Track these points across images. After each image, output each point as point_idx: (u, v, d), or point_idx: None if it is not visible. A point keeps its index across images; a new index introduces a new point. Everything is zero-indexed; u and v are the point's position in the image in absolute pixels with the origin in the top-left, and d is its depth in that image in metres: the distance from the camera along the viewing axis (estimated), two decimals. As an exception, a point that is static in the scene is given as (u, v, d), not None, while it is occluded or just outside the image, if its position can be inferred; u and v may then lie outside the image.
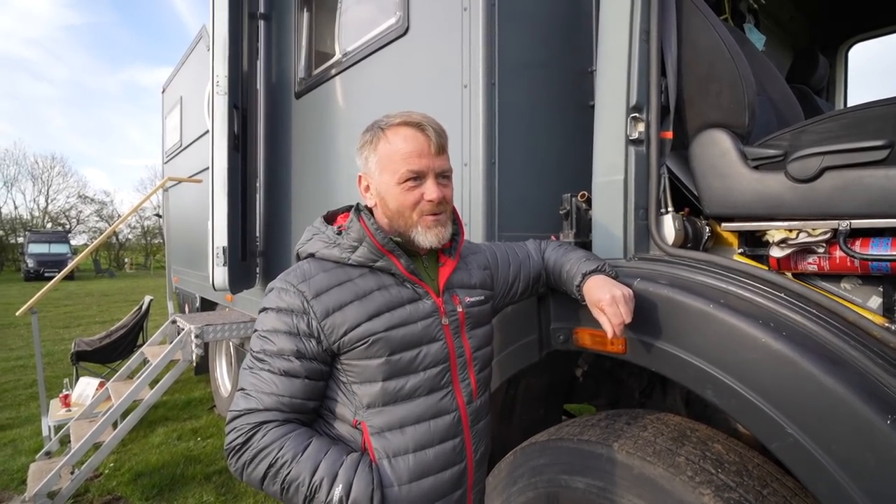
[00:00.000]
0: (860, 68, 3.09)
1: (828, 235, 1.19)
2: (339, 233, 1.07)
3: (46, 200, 35.98)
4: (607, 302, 1.15)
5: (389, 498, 0.98)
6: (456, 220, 1.19)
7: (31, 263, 22.95)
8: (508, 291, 1.32)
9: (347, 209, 1.16)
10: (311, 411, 1.03)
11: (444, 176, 1.07)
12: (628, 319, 1.14)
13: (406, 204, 1.03)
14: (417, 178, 1.03)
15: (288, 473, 0.91)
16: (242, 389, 0.99)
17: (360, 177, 1.12)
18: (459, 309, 1.13)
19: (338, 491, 0.91)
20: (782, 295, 1.11)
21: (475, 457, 1.13)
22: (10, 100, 78.89)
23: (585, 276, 1.24)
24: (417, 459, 1.02)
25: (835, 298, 1.11)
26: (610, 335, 1.15)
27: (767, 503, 1.09)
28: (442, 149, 1.06)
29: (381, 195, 1.06)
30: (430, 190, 1.03)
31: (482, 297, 1.20)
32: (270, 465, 0.92)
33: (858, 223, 1.13)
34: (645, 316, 1.20)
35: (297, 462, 0.91)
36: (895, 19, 2.74)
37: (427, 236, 1.05)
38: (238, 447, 0.94)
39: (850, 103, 3.01)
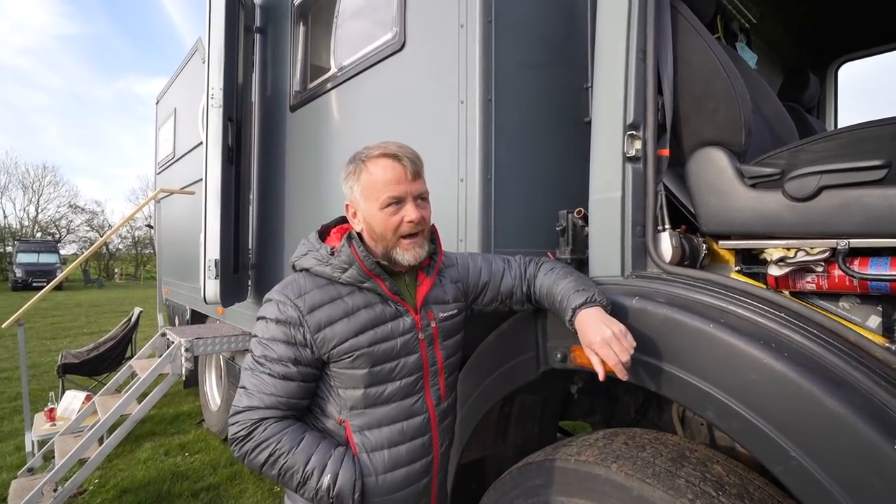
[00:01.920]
0: (850, 87, 3.14)
1: (826, 254, 1.19)
2: (332, 253, 1.18)
3: (37, 210, 35.63)
4: (599, 345, 1.13)
5: (368, 486, 1.15)
6: (435, 240, 1.29)
7: (19, 273, 22.60)
8: (476, 299, 1.40)
9: (340, 221, 1.30)
10: (304, 408, 1.20)
11: (421, 198, 1.19)
12: (624, 358, 1.11)
13: (389, 227, 1.15)
14: (398, 202, 1.15)
15: (285, 462, 1.07)
16: (244, 388, 1.13)
17: (347, 205, 1.23)
18: (433, 324, 1.25)
19: (326, 479, 1.08)
20: (782, 314, 1.10)
21: (441, 450, 1.30)
22: (2, 108, 78.52)
23: (576, 311, 1.22)
24: (391, 454, 1.19)
25: (835, 318, 1.11)
26: (602, 377, 1.14)
27: (769, 527, 1.07)
28: (417, 174, 1.17)
29: (367, 221, 1.18)
30: (410, 212, 1.15)
31: (455, 311, 1.32)
32: (270, 455, 1.08)
33: (857, 242, 1.13)
34: (643, 335, 1.18)
35: (292, 453, 1.08)
36: (883, 40, 2.80)
37: (405, 256, 1.18)
38: (241, 438, 1.09)
39: (841, 122, 3.06)
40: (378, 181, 1.14)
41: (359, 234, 1.21)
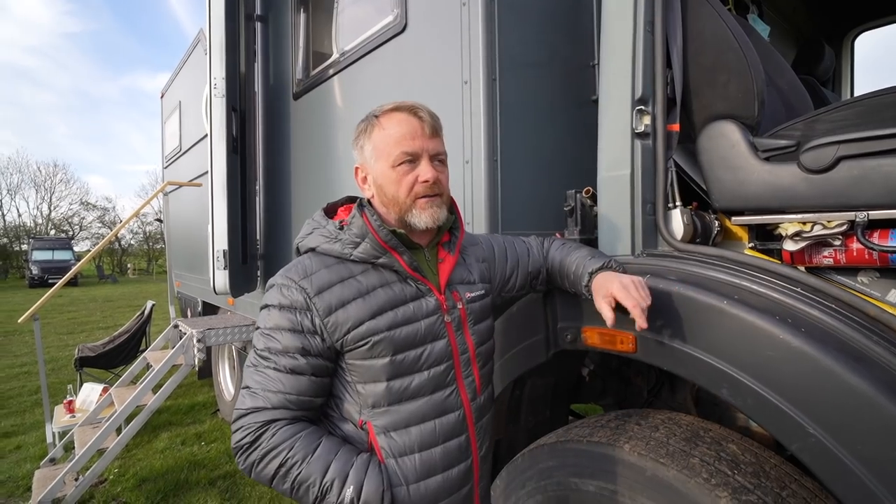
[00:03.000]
0: (867, 58, 3.04)
1: (844, 227, 1.15)
2: (341, 227, 1.05)
3: (49, 208, 36.08)
4: (617, 288, 1.10)
5: (398, 498, 0.98)
6: (454, 211, 1.17)
7: (35, 270, 22.97)
8: (505, 285, 1.30)
9: (348, 200, 1.16)
10: (318, 407, 1.03)
11: (438, 159, 1.06)
12: (644, 304, 1.07)
13: (402, 187, 1.02)
14: (412, 160, 1.02)
15: (299, 474, 0.91)
16: (247, 387, 0.98)
17: (356, 168, 1.10)
18: (460, 305, 1.11)
19: (349, 492, 0.91)
20: (799, 290, 1.07)
21: (480, 452, 1.12)
22: (12, 108, 79.35)
23: (592, 274, 1.21)
24: (423, 459, 1.02)
25: (854, 293, 1.07)
26: (610, 322, 1.09)
27: (786, 505, 1.05)
28: (435, 131, 1.05)
29: (378, 183, 1.05)
30: (425, 170, 1.02)
31: (482, 292, 1.18)
32: (281, 465, 0.92)
33: (877, 214, 1.09)
34: (656, 313, 1.16)
35: (307, 463, 0.92)
36: (901, 7, 2.70)
37: (422, 217, 1.03)
38: (246, 446, 0.93)
39: (857, 94, 2.96)
40: (391, 136, 1.02)
41: (369, 202, 1.10)
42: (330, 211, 1.15)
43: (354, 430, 1.03)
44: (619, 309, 1.12)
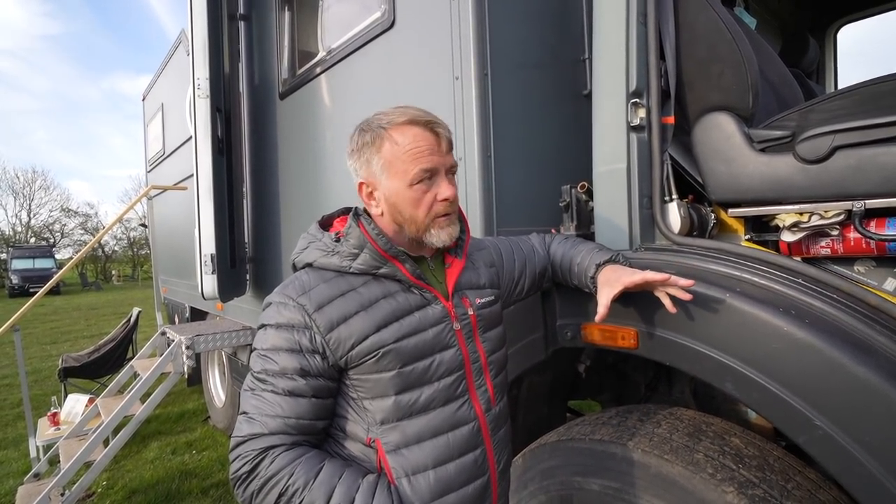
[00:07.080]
0: (849, 50, 3.08)
1: (841, 217, 1.15)
2: (338, 240, 1.00)
3: (29, 215, 35.36)
4: (628, 276, 1.10)
5: None
6: (461, 218, 1.12)
7: (15, 279, 22.48)
8: (514, 289, 1.26)
9: (344, 212, 1.10)
10: (321, 431, 0.97)
11: (452, 172, 1.01)
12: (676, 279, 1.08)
13: (421, 208, 0.97)
14: (429, 177, 0.96)
15: (300, 501, 0.85)
16: (245, 413, 0.92)
17: (360, 184, 1.02)
18: (471, 312, 1.06)
19: None
20: (800, 280, 1.07)
21: (498, 468, 1.06)
22: (-13, 114, 77.46)
23: (600, 266, 1.19)
24: (438, 475, 0.96)
25: (854, 282, 1.07)
26: (685, 284, 1.07)
27: (793, 498, 1.04)
28: (451, 145, 1.00)
29: (391, 202, 0.99)
30: (445, 188, 0.97)
31: (492, 297, 1.13)
32: (281, 495, 0.86)
33: (873, 203, 1.09)
34: (656, 307, 1.15)
35: (309, 489, 0.86)
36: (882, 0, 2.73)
37: (440, 235, 0.99)
38: (244, 476, 0.87)
39: (840, 86, 3.00)
40: (408, 152, 0.94)
41: (368, 213, 1.05)
42: (325, 223, 1.09)
43: (362, 450, 0.97)
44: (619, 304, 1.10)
